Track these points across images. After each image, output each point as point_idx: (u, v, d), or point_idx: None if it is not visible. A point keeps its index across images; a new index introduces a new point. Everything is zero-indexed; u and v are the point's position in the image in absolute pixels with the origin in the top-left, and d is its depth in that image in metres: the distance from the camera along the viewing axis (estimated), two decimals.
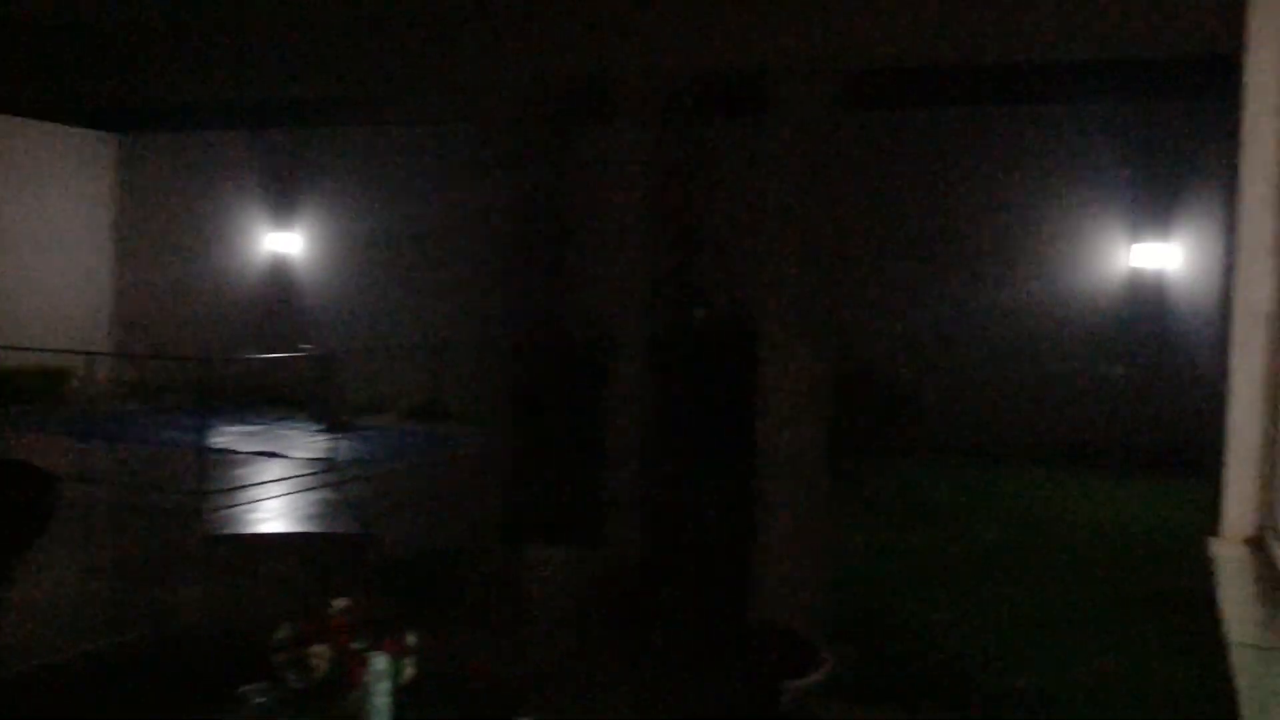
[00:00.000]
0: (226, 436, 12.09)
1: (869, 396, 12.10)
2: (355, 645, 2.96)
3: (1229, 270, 3.22)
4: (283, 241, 16.41)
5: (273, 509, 9.45)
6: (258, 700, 2.88)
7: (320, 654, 2.91)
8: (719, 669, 3.36)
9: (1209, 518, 3.31)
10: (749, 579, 5.06)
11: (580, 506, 5.58)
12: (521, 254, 5.77)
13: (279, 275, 16.50)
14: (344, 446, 12.20)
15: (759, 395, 5.09)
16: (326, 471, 10.90)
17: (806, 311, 5.12)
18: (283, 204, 16.38)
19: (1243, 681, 2.17)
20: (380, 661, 2.90)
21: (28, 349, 13.40)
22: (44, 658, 4.74)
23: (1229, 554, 3.02)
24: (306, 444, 12.61)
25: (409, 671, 2.97)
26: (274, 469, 11.07)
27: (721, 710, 3.14)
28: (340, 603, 3.03)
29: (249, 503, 9.55)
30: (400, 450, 12.27)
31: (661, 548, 5.20)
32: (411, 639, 3.06)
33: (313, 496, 9.92)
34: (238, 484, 10.12)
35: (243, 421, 13.67)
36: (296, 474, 10.80)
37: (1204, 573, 3.02)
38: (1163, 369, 12.56)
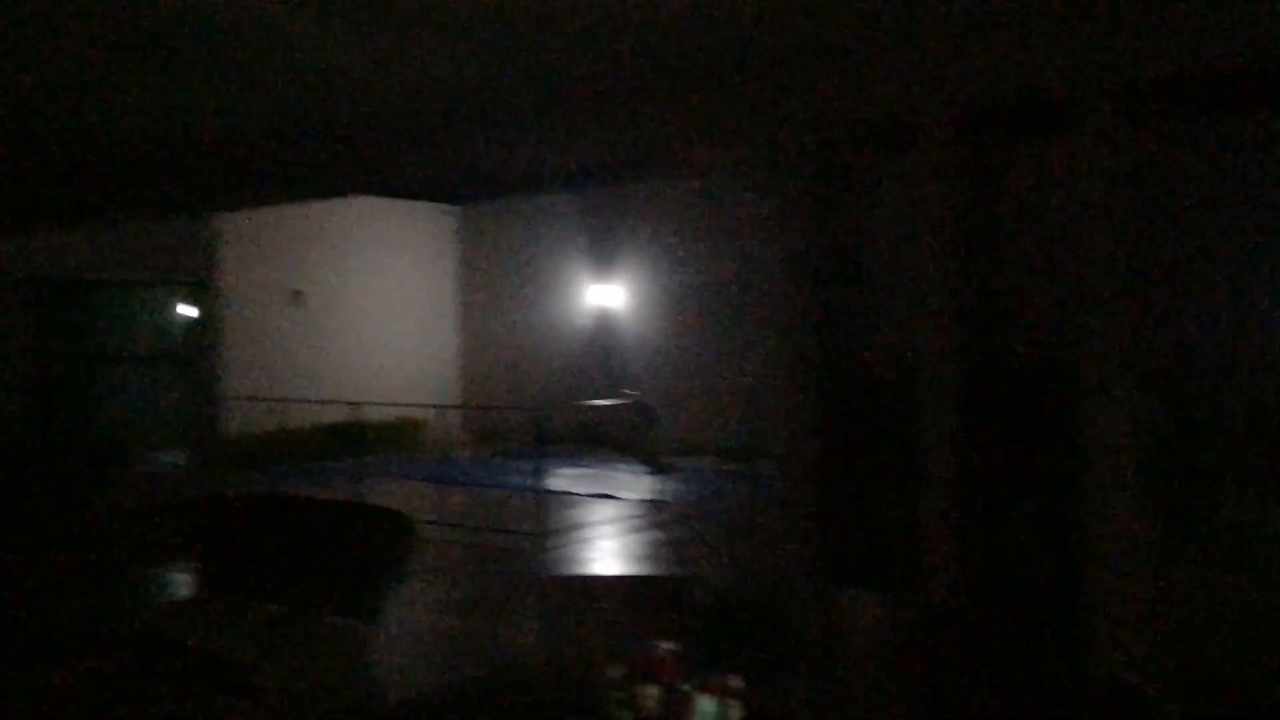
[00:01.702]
0: (560, 479, 12.79)
1: (1220, 419, 11.11)
2: (682, 686, 3.10)
3: None
4: (604, 294, 17.27)
5: (605, 549, 9.94)
6: None
7: (649, 694, 3.07)
8: None
9: None
10: (1080, 627, 4.81)
11: (892, 549, 5.50)
12: (825, 293, 5.81)
13: (602, 326, 17.37)
14: (669, 488, 12.62)
15: (1082, 431, 4.85)
16: (655, 513, 11.31)
17: (1130, 342, 4.85)
18: (603, 258, 17.27)
19: None
20: (708, 704, 3.02)
21: (387, 404, 14.85)
22: (412, 688, 5.26)
23: None
24: (634, 485, 13.15)
25: (736, 715, 3.06)
26: (605, 510, 11.63)
27: None
28: (667, 644, 3.18)
29: (583, 543, 10.09)
30: (718, 490, 12.54)
31: (980, 595, 5.04)
32: (735, 682, 3.15)
33: (640, 537, 10.34)
34: (572, 525, 10.73)
35: (574, 465, 14.45)
36: (626, 516, 11.29)
37: None
38: None
